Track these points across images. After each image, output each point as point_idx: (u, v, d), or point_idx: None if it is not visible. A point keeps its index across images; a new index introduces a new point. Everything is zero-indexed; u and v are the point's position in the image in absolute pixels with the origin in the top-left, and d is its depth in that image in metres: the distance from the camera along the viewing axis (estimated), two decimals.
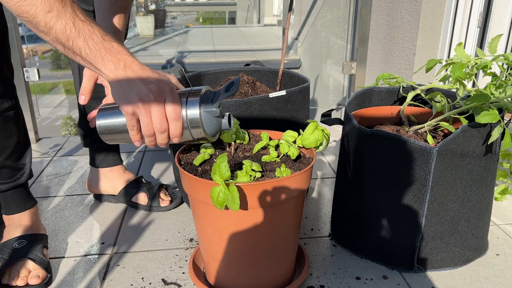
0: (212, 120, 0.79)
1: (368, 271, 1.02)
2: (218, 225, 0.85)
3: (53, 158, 1.70)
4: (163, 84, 0.77)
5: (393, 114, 1.19)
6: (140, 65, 0.78)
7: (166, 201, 1.30)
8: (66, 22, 0.72)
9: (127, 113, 0.77)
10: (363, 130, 0.94)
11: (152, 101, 0.75)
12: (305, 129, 0.93)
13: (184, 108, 0.77)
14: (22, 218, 1.09)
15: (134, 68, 0.76)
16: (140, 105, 0.75)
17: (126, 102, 0.76)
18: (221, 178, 0.75)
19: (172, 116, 0.76)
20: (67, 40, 0.73)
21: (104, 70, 0.76)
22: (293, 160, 0.91)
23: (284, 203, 0.84)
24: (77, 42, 0.74)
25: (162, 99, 0.76)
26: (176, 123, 0.77)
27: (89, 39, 0.74)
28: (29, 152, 1.12)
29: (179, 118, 0.77)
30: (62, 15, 0.72)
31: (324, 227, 1.20)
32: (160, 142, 0.80)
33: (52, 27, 0.72)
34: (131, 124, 0.78)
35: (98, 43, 0.75)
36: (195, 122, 0.78)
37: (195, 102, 0.78)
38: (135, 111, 0.76)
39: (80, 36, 0.74)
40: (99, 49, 0.75)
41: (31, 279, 0.97)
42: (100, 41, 0.75)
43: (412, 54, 1.65)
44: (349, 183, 1.05)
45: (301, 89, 1.18)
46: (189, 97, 0.78)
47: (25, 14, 0.71)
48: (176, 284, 0.99)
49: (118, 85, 0.76)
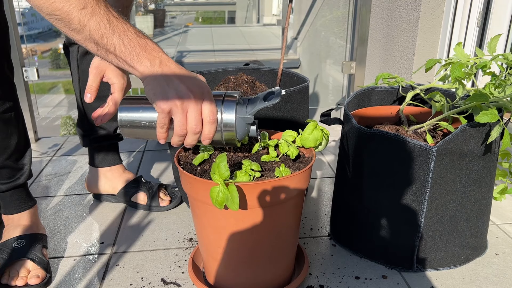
0: (244, 126, 0.80)
1: (368, 270, 1.02)
2: (217, 224, 0.85)
3: (52, 158, 1.69)
4: (202, 84, 0.76)
5: (392, 113, 1.19)
6: (175, 63, 0.76)
7: (165, 200, 1.30)
8: (101, 19, 0.70)
9: (162, 111, 0.74)
10: (363, 130, 0.94)
11: (191, 101, 0.73)
12: (304, 128, 0.93)
13: (220, 111, 0.77)
14: (22, 218, 1.09)
15: (171, 66, 0.75)
16: (178, 103, 0.73)
17: (163, 99, 0.73)
18: (220, 178, 0.75)
19: (209, 119, 0.75)
20: (101, 37, 0.71)
21: (139, 68, 0.74)
22: (293, 159, 0.91)
23: (284, 203, 0.84)
24: (112, 39, 0.72)
25: (201, 99, 0.74)
26: (211, 126, 0.76)
27: (124, 36, 0.72)
28: (29, 153, 1.12)
29: (215, 121, 0.76)
30: (96, 11, 0.70)
31: (323, 226, 1.20)
32: (189, 142, 0.78)
33: (86, 24, 0.70)
34: (163, 122, 0.75)
35: (133, 40, 0.73)
36: (229, 126, 0.79)
37: (231, 107, 0.78)
38: (172, 109, 0.74)
39: (115, 33, 0.72)
40: (134, 46, 0.73)
41: (31, 279, 0.97)
42: (135, 38, 0.73)
43: (411, 53, 1.65)
44: (348, 183, 1.05)
45: (301, 88, 1.18)
46: (225, 100, 0.78)
47: (58, 11, 0.68)
48: (175, 284, 0.99)
49: (155, 81, 0.74)
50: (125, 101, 0.84)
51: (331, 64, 2.79)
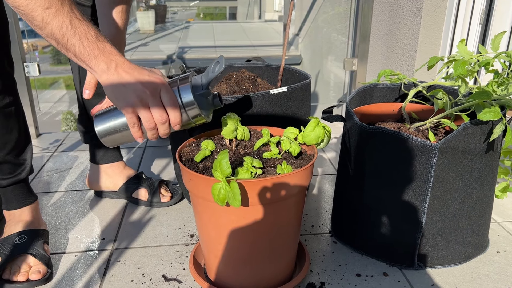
0: (205, 100, 0.85)
1: (369, 267, 1.02)
2: (218, 221, 0.85)
3: (54, 153, 1.69)
4: (155, 78, 0.80)
5: (394, 111, 1.19)
6: (130, 64, 0.81)
7: (166, 197, 1.30)
8: (63, 19, 0.74)
9: (127, 112, 0.80)
10: (365, 127, 0.94)
11: (148, 95, 0.78)
12: (306, 125, 0.93)
13: (178, 95, 0.82)
14: (23, 213, 1.09)
15: (125, 67, 0.79)
16: (138, 101, 0.78)
17: (124, 102, 0.79)
18: (222, 174, 0.75)
19: (171, 105, 0.80)
20: (62, 37, 0.75)
21: (96, 69, 0.78)
22: (295, 157, 0.90)
23: (285, 200, 0.83)
24: (72, 40, 0.76)
25: (157, 92, 0.79)
26: (175, 111, 0.81)
27: (84, 38, 0.76)
28: (30, 148, 1.12)
29: (177, 106, 0.81)
30: (60, 12, 0.73)
31: (324, 223, 1.20)
32: (162, 133, 0.83)
33: (49, 23, 0.73)
34: (132, 122, 0.81)
35: (92, 42, 0.77)
36: (191, 106, 0.82)
37: (186, 88, 0.82)
38: (134, 108, 0.79)
39: (76, 35, 0.75)
40: (93, 49, 0.77)
41: (32, 274, 0.98)
42: (94, 41, 0.77)
43: (413, 50, 1.65)
44: (350, 180, 1.05)
45: (302, 85, 1.18)
46: (179, 84, 0.83)
47: (23, 7, 0.71)
48: (176, 280, 0.99)
49: (113, 86, 0.79)
50: (97, 115, 0.89)
51: (333, 61, 2.78)
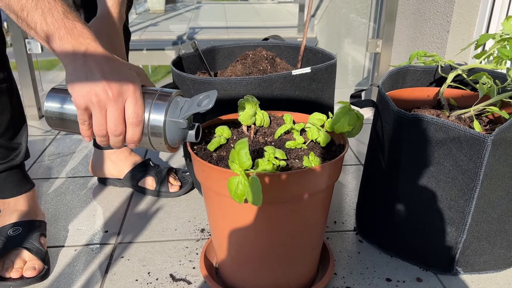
0: (177, 130, 0.70)
1: (400, 271, 0.91)
2: (234, 219, 0.75)
3: (57, 136, 1.60)
4: (127, 82, 0.67)
5: (429, 96, 1.07)
6: (104, 53, 0.67)
7: (175, 186, 1.20)
8: None
9: (78, 106, 0.67)
10: (403, 114, 0.82)
11: (109, 99, 0.65)
12: (331, 111, 0.81)
13: (148, 111, 0.68)
14: (18, 202, 1.00)
15: (97, 56, 0.66)
16: (94, 100, 0.65)
17: (78, 94, 0.66)
18: (240, 167, 0.64)
19: (132, 121, 0.67)
20: (22, 10, 0.63)
21: (60, 52, 0.65)
22: (322, 147, 0.79)
23: (312, 197, 0.72)
24: (33, 14, 0.63)
25: (122, 99, 0.66)
26: (135, 129, 0.68)
27: (48, 13, 0.64)
28: (25, 131, 1.02)
29: (140, 124, 0.68)
30: None
31: (348, 219, 1.09)
32: (113, 144, 0.70)
33: None
34: (82, 118, 0.68)
35: (58, 20, 0.64)
36: (157, 130, 0.69)
37: (161, 107, 0.69)
38: (88, 106, 0.66)
39: (38, 9, 0.63)
40: (58, 28, 0.64)
41: (26, 271, 0.88)
42: (61, 18, 0.64)
43: (445, 31, 1.51)
44: (380, 173, 0.93)
45: (328, 66, 1.06)
46: (156, 99, 0.69)
47: None
48: (185, 281, 0.89)
49: (74, 72, 0.66)
50: (53, 90, 0.74)
51: (351, 43, 2.64)
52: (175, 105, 0.70)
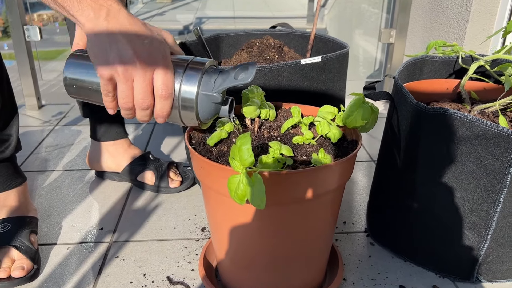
0: (209, 105, 0.64)
1: (414, 278, 0.85)
2: (236, 220, 0.68)
3: (55, 127, 1.54)
4: (155, 48, 0.60)
5: (449, 89, 0.99)
6: (128, 16, 0.59)
7: (176, 181, 1.14)
8: None
9: (102, 77, 0.60)
10: (422, 108, 0.75)
11: (137, 69, 0.59)
12: (344, 103, 0.74)
13: (179, 83, 0.62)
14: (8, 197, 0.94)
15: (120, 19, 0.58)
16: (120, 70, 0.58)
17: (102, 63, 0.59)
18: (242, 165, 0.57)
19: (161, 93, 0.61)
20: None
21: (80, 18, 0.58)
22: (333, 143, 0.72)
23: (320, 198, 0.66)
24: None
25: (151, 68, 0.59)
26: (164, 102, 0.62)
27: None
28: (16, 121, 0.96)
29: (170, 96, 0.61)
30: None
31: (359, 220, 1.02)
32: (140, 118, 0.64)
33: None
34: (106, 89, 0.61)
35: None
36: (188, 104, 0.62)
37: (193, 79, 0.62)
38: (113, 76, 0.59)
39: None
40: None
41: (14, 270, 0.83)
42: None
43: (464, 21, 1.42)
44: (395, 171, 0.86)
45: (339, 55, 0.99)
46: (188, 69, 0.62)
47: None
48: (183, 284, 0.83)
49: (96, 39, 0.59)
50: (74, 56, 0.67)
51: (362, 35, 2.55)
52: (208, 77, 0.63)
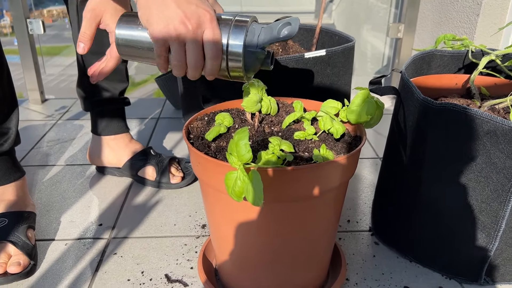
0: (254, 59, 0.67)
1: (420, 279, 0.82)
2: (234, 218, 0.66)
3: (58, 121, 1.53)
4: (203, 10, 0.62)
5: (458, 84, 0.96)
6: None
7: (177, 177, 1.12)
8: None
9: (156, 41, 0.62)
10: (429, 103, 0.72)
11: (188, 32, 0.61)
12: (349, 98, 0.72)
13: (226, 40, 0.64)
14: (6, 191, 0.93)
15: None
16: (173, 35, 0.61)
17: (155, 29, 0.61)
18: (239, 160, 0.55)
19: (211, 55, 0.63)
20: None
21: None
22: (336, 139, 0.69)
23: (322, 196, 0.63)
24: None
25: (201, 30, 0.62)
26: (215, 62, 0.64)
27: None
28: (16, 115, 0.95)
29: (219, 56, 0.64)
30: None
31: (363, 218, 1.00)
32: (190, 75, 0.67)
33: None
34: (159, 52, 0.64)
35: None
36: (235, 60, 0.65)
37: (239, 36, 0.64)
38: (166, 40, 0.62)
39: None
40: None
41: (10, 266, 0.81)
42: None
43: (475, 15, 1.39)
44: (401, 168, 0.83)
45: (344, 49, 0.96)
46: (233, 27, 0.65)
47: None
48: (181, 283, 0.81)
49: (146, 4, 0.61)
50: (125, 17, 0.68)
51: (370, 30, 2.51)
52: (252, 33, 0.65)
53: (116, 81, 1.11)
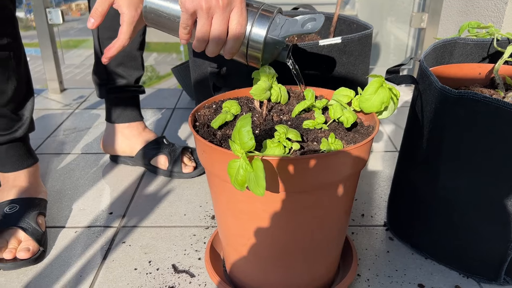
0: (273, 48, 0.70)
1: (435, 277, 0.78)
2: (239, 209, 0.64)
3: (75, 110, 1.54)
4: None
5: (481, 74, 0.91)
6: None
7: (189, 167, 1.10)
8: None
9: (186, 11, 0.65)
10: (448, 91, 0.68)
11: (218, 7, 0.64)
12: (364, 88, 0.69)
13: (251, 24, 0.67)
14: (18, 178, 0.93)
15: None
16: (204, 6, 0.64)
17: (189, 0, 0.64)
18: (242, 148, 0.53)
19: (234, 32, 0.67)
20: None
21: None
22: (347, 128, 0.67)
23: (330, 187, 0.61)
24: None
25: (229, 8, 0.65)
26: (236, 41, 0.68)
27: None
28: (31, 102, 0.95)
29: (241, 36, 0.67)
30: None
31: (378, 213, 0.96)
32: (209, 51, 0.70)
33: None
34: (186, 23, 0.67)
35: None
36: (256, 44, 0.68)
37: (264, 22, 0.68)
38: (196, 11, 0.65)
39: None
40: None
41: (20, 252, 0.82)
42: None
43: (503, 2, 1.32)
44: (418, 161, 0.80)
45: (361, 37, 0.92)
46: (260, 13, 0.68)
47: None
48: (188, 273, 0.80)
49: None
50: None
51: (394, 21, 2.45)
52: (276, 24, 0.69)
53: (131, 68, 1.10)
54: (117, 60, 1.07)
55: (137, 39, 1.08)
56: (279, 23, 0.68)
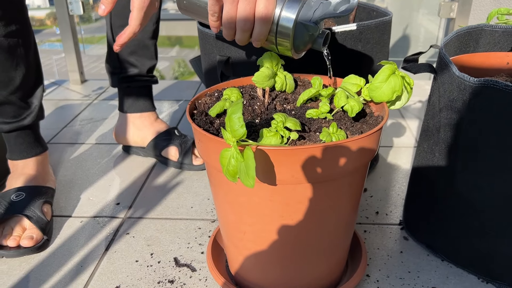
0: (305, 34, 0.65)
1: (451, 280, 0.73)
2: (236, 201, 0.61)
3: (93, 101, 1.54)
4: None
5: (509, 64, 0.84)
6: None
7: (200, 159, 1.08)
8: None
9: None
10: (467, 80, 0.63)
11: None
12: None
13: (280, 8, 0.63)
14: (26, 165, 0.93)
15: None
16: None
17: None
18: (233, 137, 0.49)
19: (261, 16, 0.63)
20: None
21: None
22: (353, 118, 0.62)
23: (334, 181, 0.56)
24: None
25: None
26: (263, 27, 0.64)
27: None
28: (40, 90, 0.95)
29: (269, 21, 0.63)
30: None
31: (394, 211, 0.91)
32: (238, 39, 0.67)
33: None
34: (213, 9, 0.65)
35: None
36: (285, 30, 0.64)
37: (294, 6, 0.63)
38: None
39: None
40: None
41: (23, 240, 0.81)
42: None
43: None
44: (437, 157, 0.74)
45: (379, 24, 0.87)
46: None
47: None
48: (189, 267, 0.77)
49: None
50: None
51: (425, 14, 2.37)
52: (308, 6, 0.64)
53: (144, 58, 1.08)
54: (129, 48, 1.06)
55: (150, 27, 1.06)
56: (312, 7, 0.63)
